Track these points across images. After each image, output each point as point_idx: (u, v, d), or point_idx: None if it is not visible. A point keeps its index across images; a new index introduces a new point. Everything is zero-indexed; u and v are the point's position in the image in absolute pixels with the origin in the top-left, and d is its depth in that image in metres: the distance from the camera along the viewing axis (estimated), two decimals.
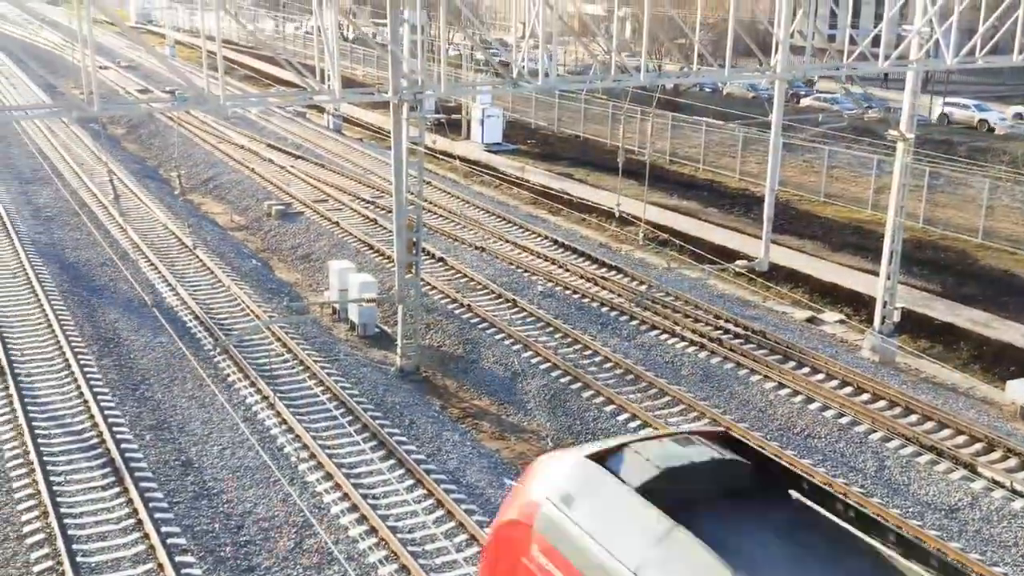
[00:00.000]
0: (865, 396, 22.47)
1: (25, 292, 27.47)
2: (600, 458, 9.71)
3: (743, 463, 9.61)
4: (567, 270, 30.96)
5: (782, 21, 18.43)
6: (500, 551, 10.42)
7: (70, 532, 16.41)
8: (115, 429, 19.72)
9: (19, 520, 16.92)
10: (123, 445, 19.11)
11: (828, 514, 8.63)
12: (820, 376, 23.39)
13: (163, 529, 16.42)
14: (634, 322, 26.81)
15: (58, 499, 17.32)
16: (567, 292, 29.04)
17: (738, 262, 29.38)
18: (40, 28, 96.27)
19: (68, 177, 40.72)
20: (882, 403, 22.14)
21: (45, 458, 18.62)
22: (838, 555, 8.23)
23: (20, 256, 30.16)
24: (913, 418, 21.53)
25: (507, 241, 33.79)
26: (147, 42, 15.78)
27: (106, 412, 20.38)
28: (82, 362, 22.78)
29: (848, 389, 22.80)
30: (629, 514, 8.70)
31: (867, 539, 8.17)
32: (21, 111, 18.63)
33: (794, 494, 9.18)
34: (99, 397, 21.04)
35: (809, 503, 8.92)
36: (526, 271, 30.73)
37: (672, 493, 8.86)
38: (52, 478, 17.99)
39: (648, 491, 8.84)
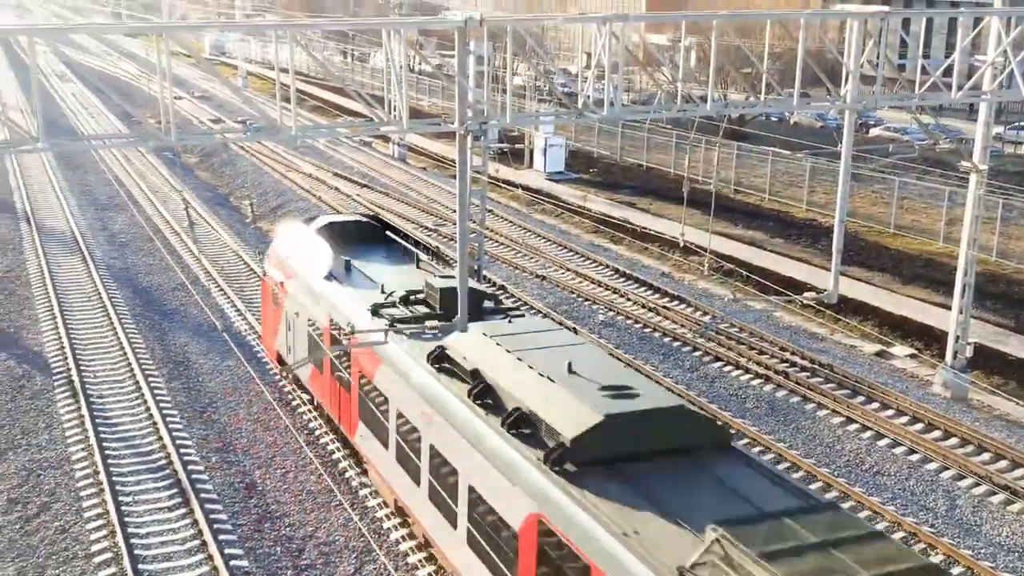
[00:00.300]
0: (936, 433, 21.95)
1: (99, 315, 28.13)
2: (306, 221, 22.57)
3: (377, 226, 22.43)
4: (629, 299, 30.85)
5: (852, 50, 18.25)
6: (263, 282, 23.63)
7: (136, 552, 16.69)
8: (182, 451, 20.06)
9: (88, 539, 17.26)
10: (190, 467, 19.42)
11: (403, 241, 21.29)
12: (889, 412, 22.92)
13: (226, 551, 16.62)
14: (697, 353, 26.58)
15: (126, 519, 17.64)
16: (629, 321, 28.91)
17: (805, 294, 28.86)
18: (118, 59, 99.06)
19: (143, 204, 41.72)
20: (954, 440, 21.61)
21: (115, 478, 18.99)
22: (398, 256, 21.02)
23: (95, 280, 30.91)
24: (986, 456, 20.98)
25: (568, 269, 33.79)
26: (222, 73, 16.18)
27: (174, 434, 20.74)
28: (152, 384, 23.23)
29: (918, 425, 22.30)
30: (308, 243, 20.91)
31: (416, 250, 20.80)
32: (99, 140, 19.17)
33: (390, 234, 21.87)
34: (168, 419, 21.43)
35: (396, 238, 21.61)
36: (587, 300, 30.68)
37: (335, 236, 20.93)
38: (121, 498, 18.33)
39: (322, 234, 21.09)
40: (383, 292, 18.41)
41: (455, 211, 20.37)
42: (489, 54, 20.37)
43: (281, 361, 22.84)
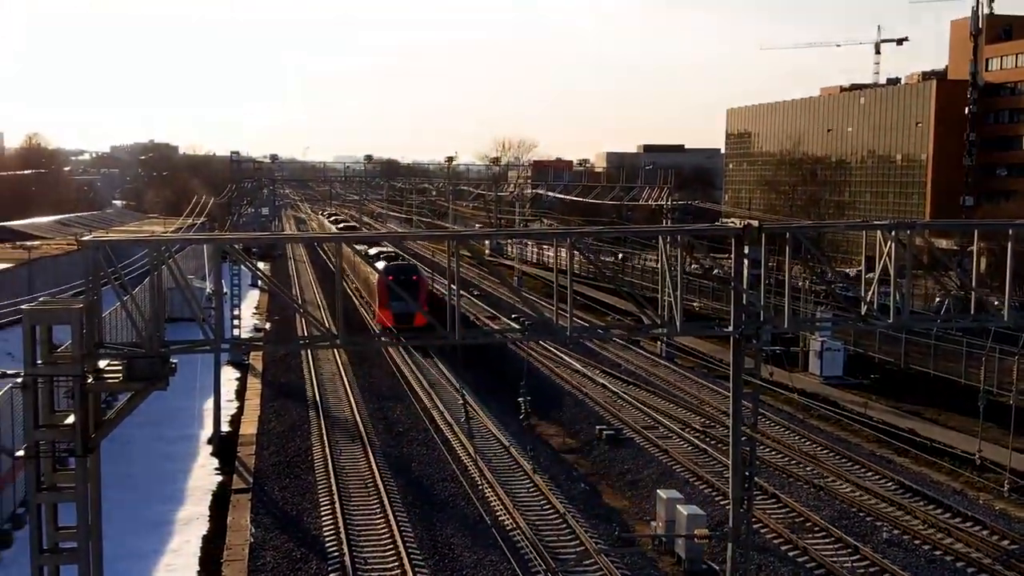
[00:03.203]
0: None
1: (374, 503, 29.23)
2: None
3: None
4: (916, 517, 28.47)
5: None
6: None
7: None
8: None
9: None
10: None
11: None
12: None
13: None
14: None
15: None
16: (916, 542, 26.59)
17: None
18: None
19: (421, 395, 43.71)
20: None
21: None
22: None
23: (373, 468, 32.33)
24: None
25: (847, 480, 31.81)
26: (504, 274, 16.96)
27: None
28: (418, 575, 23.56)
29: None
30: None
31: None
32: (389, 339, 20.41)
33: None
34: None
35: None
36: (869, 515, 28.61)
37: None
38: None
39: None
40: None
41: (726, 413, 19.84)
42: (764, 256, 20.29)
43: None
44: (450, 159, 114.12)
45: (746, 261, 16.65)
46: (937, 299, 57.46)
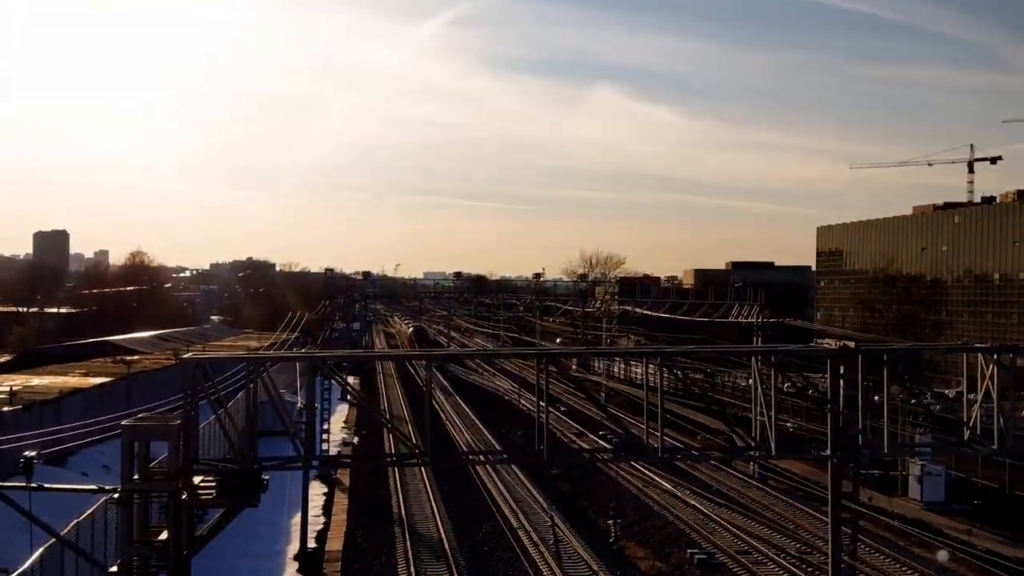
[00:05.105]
0: None
1: None
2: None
3: None
4: None
5: None
6: None
7: None
8: None
9: None
10: None
11: None
12: None
13: None
14: None
15: None
16: None
17: None
18: (493, 375, 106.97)
19: (507, 512, 43.15)
20: None
21: None
22: None
23: None
24: None
25: None
26: (591, 390, 16.89)
27: None
28: None
29: None
30: None
31: None
32: (477, 456, 20.36)
33: None
34: None
35: None
36: None
37: None
38: None
39: None
40: None
41: (823, 538, 19.14)
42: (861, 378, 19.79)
43: None
44: (537, 275, 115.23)
45: (842, 382, 16.25)
46: None
